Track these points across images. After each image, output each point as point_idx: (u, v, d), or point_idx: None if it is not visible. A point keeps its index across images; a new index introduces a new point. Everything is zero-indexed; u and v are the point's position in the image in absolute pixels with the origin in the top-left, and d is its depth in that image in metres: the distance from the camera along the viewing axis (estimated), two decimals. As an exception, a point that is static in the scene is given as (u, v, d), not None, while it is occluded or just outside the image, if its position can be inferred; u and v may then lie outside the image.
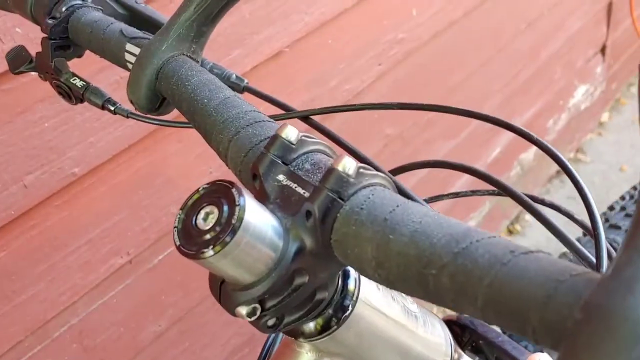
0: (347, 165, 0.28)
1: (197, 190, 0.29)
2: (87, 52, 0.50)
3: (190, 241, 0.28)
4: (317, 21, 1.02)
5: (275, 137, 0.31)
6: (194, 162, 0.93)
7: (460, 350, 0.44)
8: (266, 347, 0.42)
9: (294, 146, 0.31)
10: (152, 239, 0.92)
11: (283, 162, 0.31)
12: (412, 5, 1.20)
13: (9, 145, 0.72)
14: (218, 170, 0.96)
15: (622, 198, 0.68)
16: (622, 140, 2.14)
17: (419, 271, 0.24)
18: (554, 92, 1.85)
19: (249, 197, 0.28)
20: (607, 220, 0.67)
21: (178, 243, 0.28)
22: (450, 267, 0.23)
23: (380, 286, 0.37)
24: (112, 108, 0.47)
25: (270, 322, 0.31)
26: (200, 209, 0.28)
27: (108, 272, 0.88)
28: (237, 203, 0.27)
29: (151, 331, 0.98)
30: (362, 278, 0.35)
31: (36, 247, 0.79)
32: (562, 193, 1.97)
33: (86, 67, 0.54)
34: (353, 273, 0.35)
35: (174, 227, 0.28)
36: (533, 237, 1.83)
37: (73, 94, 0.49)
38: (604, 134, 2.19)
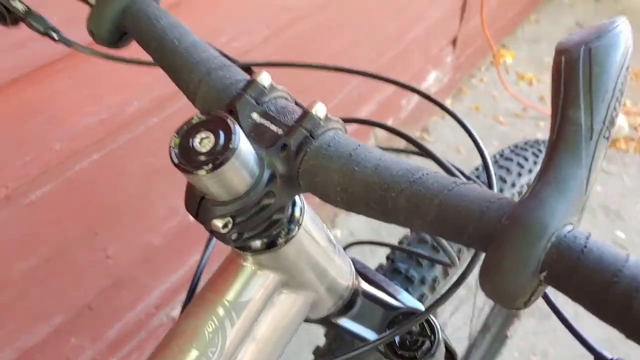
0: (320, 110, 0.35)
1: (192, 118, 0.34)
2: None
3: (188, 159, 0.33)
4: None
5: (252, 81, 0.37)
6: (82, 101, 0.92)
7: (359, 278, 0.53)
8: (201, 263, 0.47)
9: (266, 90, 0.37)
10: (32, 175, 0.90)
11: (257, 102, 0.37)
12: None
13: None
14: (106, 112, 0.96)
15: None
16: (461, 125, 2.40)
17: (380, 195, 0.32)
18: (410, 74, 2.03)
19: (239, 128, 0.33)
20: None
21: (176, 161, 0.33)
22: (407, 191, 0.31)
23: (316, 218, 0.44)
24: (56, 37, 0.48)
25: (234, 237, 0.37)
26: (196, 134, 0.33)
27: (-18, 205, 0.85)
28: (233, 132, 0.32)
29: (20, 269, 0.96)
30: (305, 209, 0.42)
31: None
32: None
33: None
34: (299, 203, 0.41)
35: (171, 148, 0.33)
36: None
37: (11, 16, 0.49)
38: (446, 118, 2.44)
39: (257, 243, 0.40)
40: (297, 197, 0.42)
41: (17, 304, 0.98)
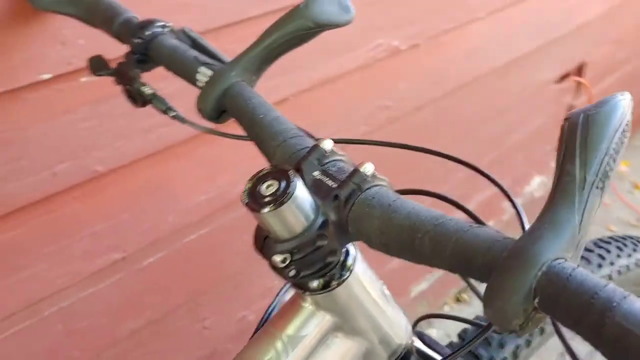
0: (367, 168, 0.42)
1: (261, 170, 0.42)
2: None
3: (255, 201, 0.41)
4: (320, 79, 1.18)
5: (316, 146, 0.45)
6: (197, 180, 1.05)
7: (415, 337, 0.56)
8: (272, 305, 0.54)
9: (327, 154, 0.45)
10: (147, 242, 1.02)
11: (319, 163, 0.45)
12: (401, 79, 1.37)
13: (50, 136, 0.84)
14: (216, 191, 1.09)
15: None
16: (568, 232, 2.34)
17: (409, 235, 0.38)
18: (512, 177, 2.04)
19: (299, 179, 0.41)
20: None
21: (246, 201, 0.41)
22: (431, 232, 0.37)
23: (369, 272, 0.50)
24: (173, 114, 0.60)
25: (292, 273, 0.43)
26: (264, 182, 0.41)
27: (104, 265, 0.98)
28: (292, 180, 0.40)
29: (128, 327, 1.07)
30: (357, 259, 0.48)
31: (49, 230, 0.90)
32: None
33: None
34: (352, 253, 0.48)
35: (243, 192, 0.41)
36: (479, 306, 1.97)
37: (141, 99, 0.61)
38: (553, 224, 2.38)
39: (313, 283, 0.46)
40: (351, 249, 0.48)
41: (121, 361, 1.08)
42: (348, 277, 0.46)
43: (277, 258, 0.42)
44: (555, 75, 2.01)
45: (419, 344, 0.56)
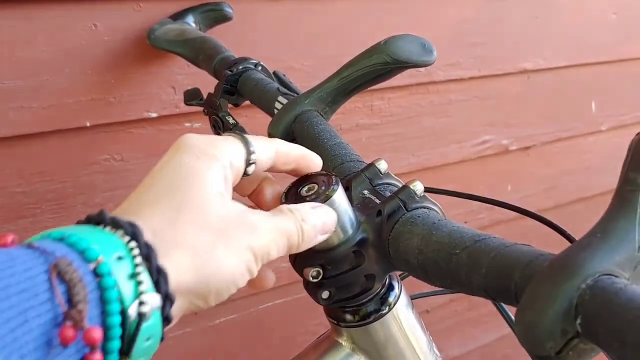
0: (417, 187, 0.39)
1: (305, 175, 0.40)
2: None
3: (292, 202, 0.39)
4: (420, 164, 1.16)
5: (371, 165, 0.43)
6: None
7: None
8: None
9: (382, 175, 0.42)
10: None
11: (370, 183, 0.42)
12: (508, 181, 1.32)
13: (145, 173, 0.88)
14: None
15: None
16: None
17: (447, 253, 0.33)
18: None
19: (340, 186, 0.39)
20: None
21: (283, 200, 0.39)
22: (470, 248, 0.32)
23: (413, 319, 0.45)
24: (246, 144, 0.61)
25: (325, 295, 0.40)
26: (305, 185, 0.39)
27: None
28: (333, 184, 0.38)
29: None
30: (401, 298, 0.43)
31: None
32: None
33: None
34: (396, 290, 0.43)
35: (283, 193, 0.40)
36: None
37: (223, 128, 0.63)
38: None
39: (349, 316, 0.42)
40: (395, 286, 0.44)
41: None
42: (387, 312, 0.42)
43: (309, 270, 0.39)
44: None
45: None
